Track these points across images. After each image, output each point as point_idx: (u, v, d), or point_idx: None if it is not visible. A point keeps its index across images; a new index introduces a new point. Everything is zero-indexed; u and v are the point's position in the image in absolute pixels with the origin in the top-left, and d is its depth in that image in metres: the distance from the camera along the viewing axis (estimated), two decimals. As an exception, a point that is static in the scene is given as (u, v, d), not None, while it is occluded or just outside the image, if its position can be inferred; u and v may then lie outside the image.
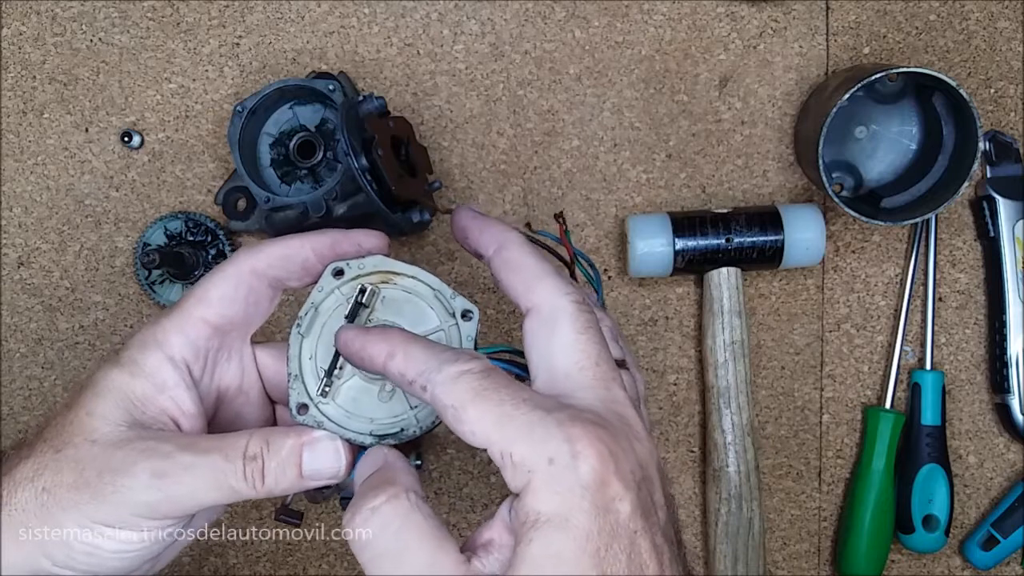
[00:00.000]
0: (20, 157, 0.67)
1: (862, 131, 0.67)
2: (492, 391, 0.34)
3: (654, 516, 0.34)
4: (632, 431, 0.35)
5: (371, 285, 0.44)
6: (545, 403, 0.34)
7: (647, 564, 0.33)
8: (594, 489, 0.32)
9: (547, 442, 0.33)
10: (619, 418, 0.35)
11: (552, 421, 0.33)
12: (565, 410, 0.34)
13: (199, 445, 0.39)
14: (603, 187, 0.68)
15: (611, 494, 0.32)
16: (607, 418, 0.34)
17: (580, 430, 0.33)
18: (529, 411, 0.34)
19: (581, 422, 0.33)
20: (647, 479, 0.34)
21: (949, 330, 0.69)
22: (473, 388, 0.35)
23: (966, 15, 0.68)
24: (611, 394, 0.36)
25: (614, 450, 0.33)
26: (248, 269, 0.43)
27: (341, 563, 0.68)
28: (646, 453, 0.35)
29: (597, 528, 0.32)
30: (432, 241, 0.68)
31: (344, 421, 0.42)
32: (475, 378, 0.35)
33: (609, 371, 0.36)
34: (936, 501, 0.67)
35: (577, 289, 0.39)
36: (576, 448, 0.32)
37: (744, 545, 0.65)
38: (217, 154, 0.67)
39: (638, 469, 0.34)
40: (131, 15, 0.67)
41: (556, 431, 0.33)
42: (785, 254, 0.65)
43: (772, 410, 0.69)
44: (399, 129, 0.63)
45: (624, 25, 0.68)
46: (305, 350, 0.43)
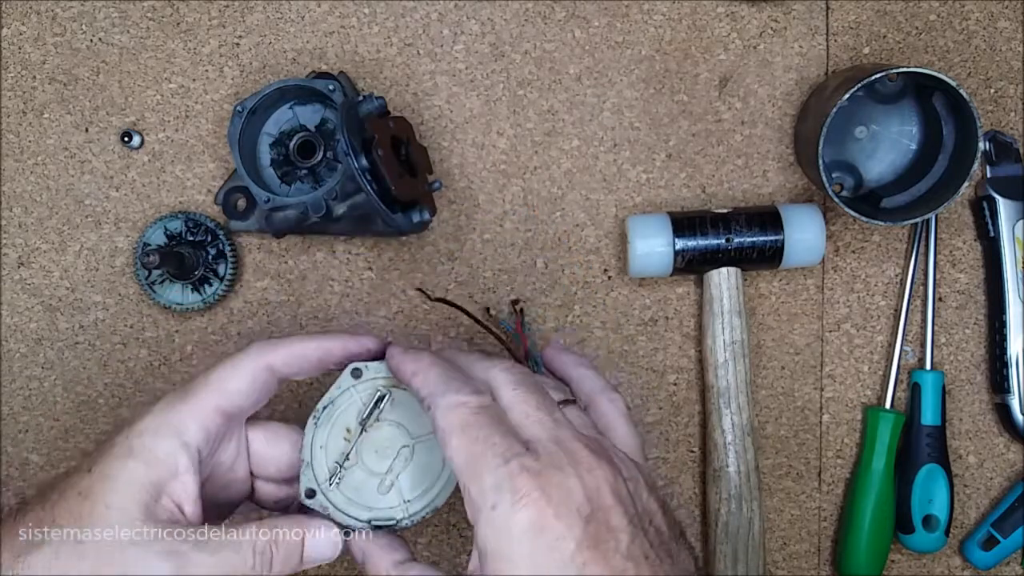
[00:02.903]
0: (20, 157, 0.67)
1: (862, 131, 0.67)
2: (475, 428, 0.40)
3: (611, 542, 0.38)
4: (579, 466, 0.39)
5: (384, 389, 0.48)
6: (508, 450, 0.39)
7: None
8: (532, 534, 0.37)
9: (494, 490, 0.38)
10: (567, 456, 0.40)
11: (504, 472, 0.38)
12: (519, 459, 0.39)
13: (211, 544, 0.42)
14: (603, 187, 0.68)
15: (552, 535, 0.37)
16: (557, 459, 0.39)
17: (524, 481, 0.38)
18: (492, 457, 0.39)
19: (527, 473, 0.38)
20: (600, 508, 0.38)
21: (949, 330, 0.69)
22: (462, 421, 0.41)
23: (966, 15, 0.68)
24: (556, 433, 0.41)
25: (555, 496, 0.38)
26: (264, 365, 0.47)
27: (341, 563, 0.68)
28: (599, 481, 0.39)
29: (540, 565, 0.37)
30: (432, 241, 0.68)
31: (346, 507, 0.47)
32: (467, 412, 0.41)
33: (549, 413, 0.42)
34: (936, 501, 0.67)
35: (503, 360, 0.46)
36: (517, 498, 0.38)
37: (744, 545, 0.65)
38: (217, 154, 0.67)
39: (585, 504, 0.38)
40: (131, 15, 0.67)
41: (504, 481, 0.38)
42: (785, 254, 0.65)
43: (772, 410, 0.69)
44: (399, 129, 0.63)
45: (624, 25, 0.68)
46: (318, 439, 0.48)
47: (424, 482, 0.48)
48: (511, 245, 0.68)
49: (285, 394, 0.68)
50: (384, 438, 0.48)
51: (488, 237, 0.68)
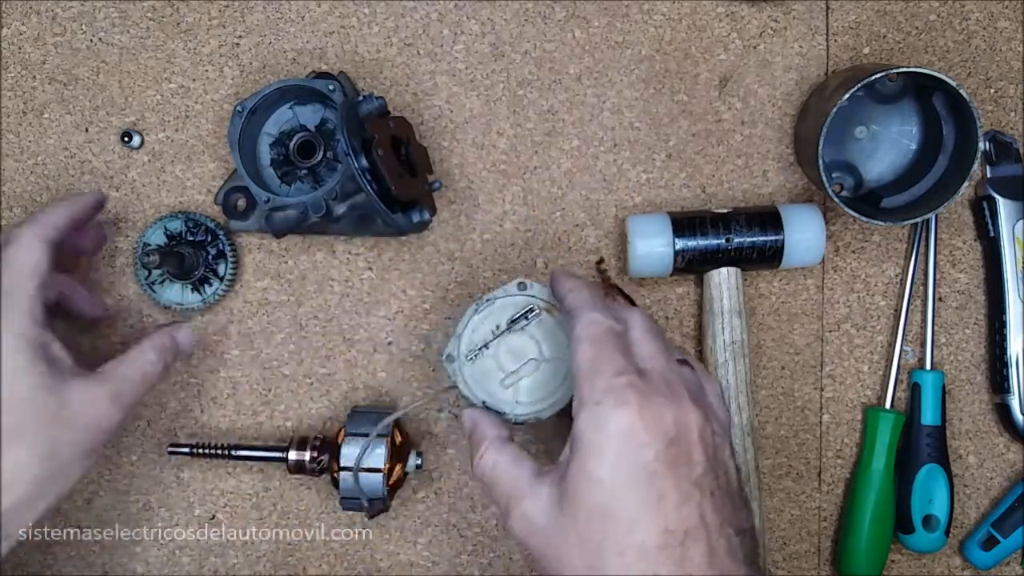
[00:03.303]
0: (20, 157, 0.67)
1: (862, 131, 0.67)
2: (603, 343, 0.48)
3: (685, 467, 0.45)
4: (677, 404, 0.46)
5: (538, 307, 0.57)
6: (624, 368, 0.46)
7: (666, 498, 0.44)
8: (622, 435, 0.44)
9: (603, 391, 0.46)
10: (669, 392, 0.47)
11: (615, 381, 0.46)
12: (631, 377, 0.46)
13: (127, 358, 0.56)
14: (603, 187, 0.68)
15: (638, 441, 0.44)
16: (661, 389, 0.46)
17: (630, 394, 0.45)
18: (609, 367, 0.46)
19: (634, 389, 0.45)
20: (684, 439, 0.45)
21: (949, 330, 0.69)
22: (595, 334, 0.48)
23: (966, 15, 0.68)
24: (668, 376, 0.48)
25: (649, 413, 0.45)
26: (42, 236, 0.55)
27: (341, 563, 0.68)
28: (686, 420, 0.46)
29: (621, 460, 0.44)
30: (432, 241, 0.68)
31: (471, 383, 0.56)
32: (601, 329, 0.49)
33: (667, 360, 0.49)
34: (936, 501, 0.67)
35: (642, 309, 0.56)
36: (619, 403, 0.45)
37: (744, 545, 0.65)
38: (217, 154, 0.67)
39: (673, 429, 0.45)
40: (131, 15, 0.67)
41: (613, 386, 0.46)
42: (785, 254, 0.65)
43: (772, 410, 0.69)
44: (399, 129, 0.63)
45: (624, 25, 0.68)
46: (472, 322, 0.57)
47: (537, 394, 0.56)
48: (511, 245, 0.68)
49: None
50: (521, 345, 0.57)
51: (488, 237, 0.68)
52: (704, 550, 0.44)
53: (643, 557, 0.43)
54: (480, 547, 0.68)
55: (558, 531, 0.45)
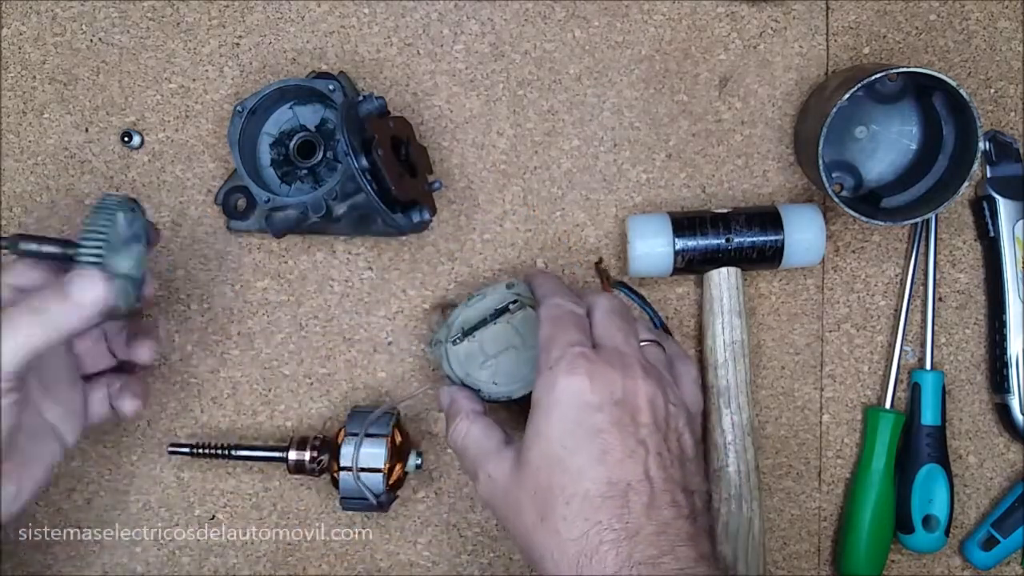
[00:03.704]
0: (20, 157, 0.67)
1: (862, 131, 0.67)
2: (562, 321, 0.53)
3: (631, 427, 0.49)
4: (630, 374, 0.50)
5: (523, 302, 0.62)
6: (580, 342, 0.51)
7: (610, 452, 0.48)
8: (569, 396, 0.49)
9: (556, 359, 0.50)
10: (623, 365, 0.51)
11: (568, 351, 0.50)
12: (583, 348, 0.51)
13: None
14: (603, 187, 0.68)
15: (584, 402, 0.49)
16: (612, 359, 0.51)
17: (581, 363, 0.50)
18: (564, 339, 0.51)
19: (584, 358, 0.50)
20: (630, 403, 0.50)
21: (949, 330, 0.69)
22: (556, 314, 0.53)
23: (966, 15, 0.68)
24: (623, 348, 0.52)
25: (598, 380, 0.49)
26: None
27: (341, 563, 0.68)
28: (633, 388, 0.50)
29: (569, 419, 0.49)
30: (432, 241, 0.68)
31: (453, 363, 0.61)
32: (562, 311, 0.54)
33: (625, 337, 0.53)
34: (936, 501, 0.67)
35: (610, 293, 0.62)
36: (569, 368, 0.50)
37: (744, 545, 0.65)
38: (217, 154, 0.67)
39: (620, 393, 0.50)
40: (131, 15, 0.67)
41: (566, 354, 0.50)
42: (785, 254, 0.65)
43: (772, 410, 0.69)
44: (399, 129, 0.63)
45: (624, 25, 0.68)
46: (463, 314, 0.62)
47: (511, 378, 0.60)
48: (511, 245, 0.68)
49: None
50: (502, 334, 0.61)
51: (488, 237, 0.68)
52: (645, 501, 0.48)
53: (587, 504, 0.47)
54: (480, 547, 0.68)
55: (515, 484, 0.50)
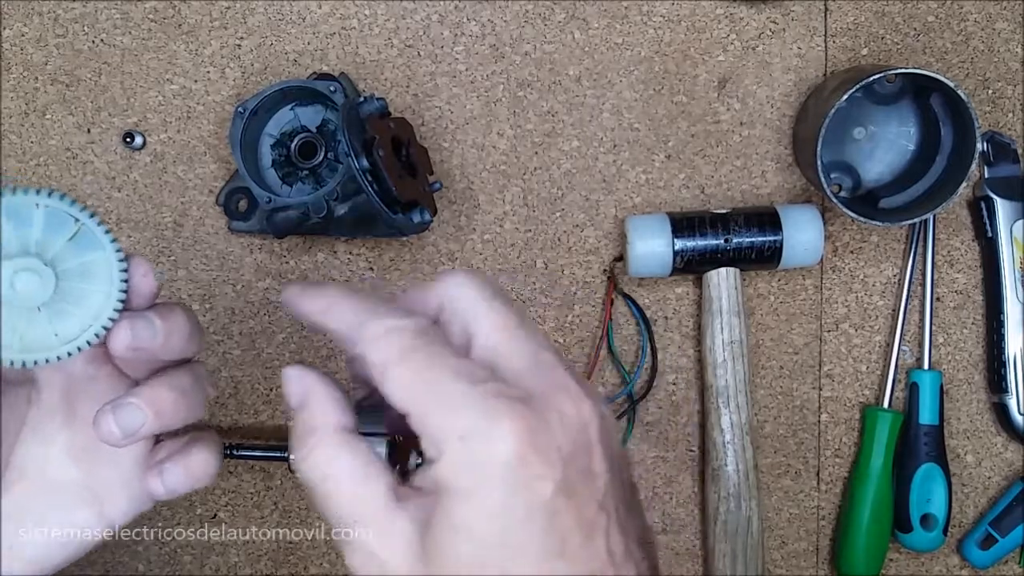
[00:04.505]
0: (22, 158, 0.68)
1: (860, 132, 0.67)
2: (421, 353, 0.33)
3: (587, 488, 0.33)
4: (566, 395, 0.33)
5: None
6: (474, 373, 0.32)
7: (570, 540, 0.32)
8: (509, 470, 0.31)
9: (464, 418, 0.31)
10: (551, 383, 0.33)
11: (475, 395, 0.32)
12: (491, 383, 0.32)
13: None
14: (602, 188, 0.69)
15: (531, 473, 0.31)
16: (537, 388, 0.33)
17: (503, 407, 0.31)
18: (453, 380, 0.32)
19: (506, 399, 0.32)
20: (582, 448, 0.33)
21: (947, 330, 0.70)
22: (401, 347, 0.33)
23: (964, 16, 0.68)
24: (540, 357, 0.34)
25: (538, 428, 0.31)
26: None
27: (342, 562, 0.68)
28: (581, 419, 0.33)
29: (508, 506, 0.31)
30: (432, 242, 0.68)
31: None
32: (406, 337, 0.33)
33: (532, 333, 0.35)
34: (934, 500, 0.67)
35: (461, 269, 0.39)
36: (495, 426, 0.31)
37: (743, 544, 0.65)
38: (219, 155, 0.68)
39: (567, 443, 0.32)
40: (133, 16, 0.67)
41: (476, 406, 0.31)
42: (784, 254, 0.65)
43: (771, 409, 0.69)
44: (400, 130, 0.63)
45: (623, 27, 0.68)
46: None
47: None
48: (511, 245, 0.68)
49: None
50: None
51: (488, 237, 0.68)
52: None
53: None
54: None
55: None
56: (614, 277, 0.68)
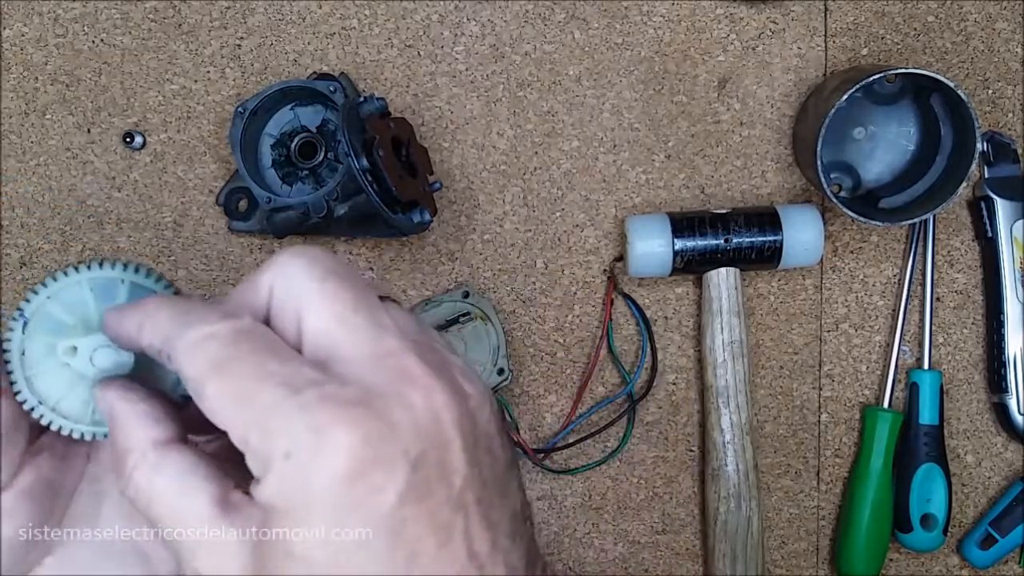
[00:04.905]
0: (22, 158, 0.68)
1: (860, 132, 0.67)
2: (236, 362, 0.29)
3: (442, 487, 0.29)
4: (413, 386, 0.29)
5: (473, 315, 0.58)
6: (296, 377, 0.28)
7: (422, 549, 0.28)
8: (340, 486, 0.27)
9: (285, 433, 0.28)
10: (394, 375, 0.29)
11: (294, 406, 0.28)
12: (318, 388, 0.28)
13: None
14: (602, 188, 0.69)
15: (366, 486, 0.28)
16: (377, 383, 0.29)
17: (330, 415, 0.27)
18: (272, 389, 0.28)
19: (333, 404, 0.28)
20: (434, 445, 0.29)
21: (947, 330, 0.70)
22: (215, 358, 0.29)
23: (964, 16, 0.69)
24: (381, 345, 0.30)
25: (376, 434, 0.28)
26: None
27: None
28: (432, 412, 0.29)
29: (344, 529, 0.28)
30: (432, 242, 0.68)
31: None
32: (220, 345, 0.29)
33: (372, 316, 0.30)
34: (934, 500, 0.67)
35: (294, 246, 0.33)
36: (322, 440, 0.27)
37: (743, 544, 0.65)
38: (219, 155, 0.68)
39: (415, 444, 0.28)
40: (133, 16, 0.67)
41: (298, 419, 0.28)
42: (784, 254, 0.65)
43: (771, 409, 0.70)
44: (400, 130, 0.63)
45: (623, 27, 0.68)
46: None
47: None
48: (511, 245, 0.68)
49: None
50: (451, 344, 0.44)
51: (488, 237, 0.68)
52: None
53: None
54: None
55: None
56: (614, 277, 0.68)
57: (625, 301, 0.68)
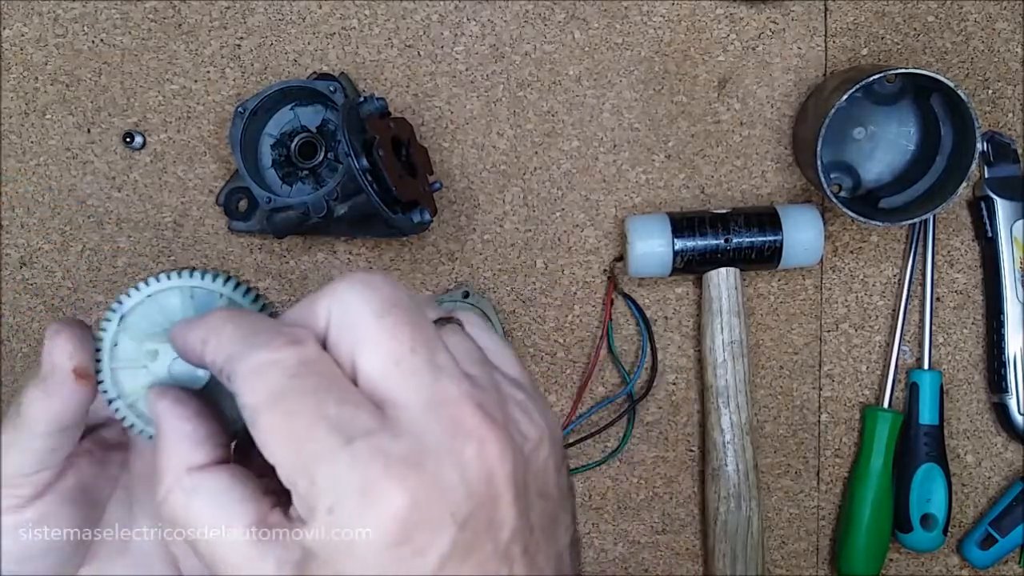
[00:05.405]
0: (22, 158, 0.68)
1: (860, 132, 0.67)
2: (294, 397, 0.28)
3: (489, 541, 0.28)
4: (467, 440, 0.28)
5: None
6: (351, 424, 0.27)
7: None
8: (385, 548, 0.27)
9: (332, 486, 0.27)
10: (448, 426, 0.28)
11: (345, 459, 0.27)
12: (370, 439, 0.27)
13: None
14: (603, 188, 0.69)
15: (412, 548, 0.27)
16: (431, 436, 0.28)
17: (379, 473, 0.27)
18: (325, 436, 0.27)
19: (384, 461, 0.27)
20: (483, 503, 0.28)
21: (947, 330, 0.70)
22: (274, 389, 0.28)
23: (964, 16, 0.69)
24: (436, 391, 0.28)
25: (425, 497, 0.27)
26: None
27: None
28: (485, 468, 0.28)
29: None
30: (432, 242, 0.68)
31: None
32: (281, 375, 0.28)
33: (429, 356, 0.29)
34: (934, 500, 0.67)
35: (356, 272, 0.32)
36: (369, 500, 0.26)
37: (743, 544, 0.66)
38: (219, 155, 0.68)
39: (465, 504, 0.27)
40: (133, 16, 0.67)
41: (347, 473, 0.27)
42: (784, 254, 0.65)
43: (771, 409, 0.70)
44: (400, 130, 0.63)
45: (623, 27, 0.68)
46: None
47: None
48: (511, 245, 0.68)
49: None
50: None
51: (488, 237, 0.68)
52: None
53: None
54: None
55: None
56: (614, 277, 0.68)
57: (625, 301, 0.68)
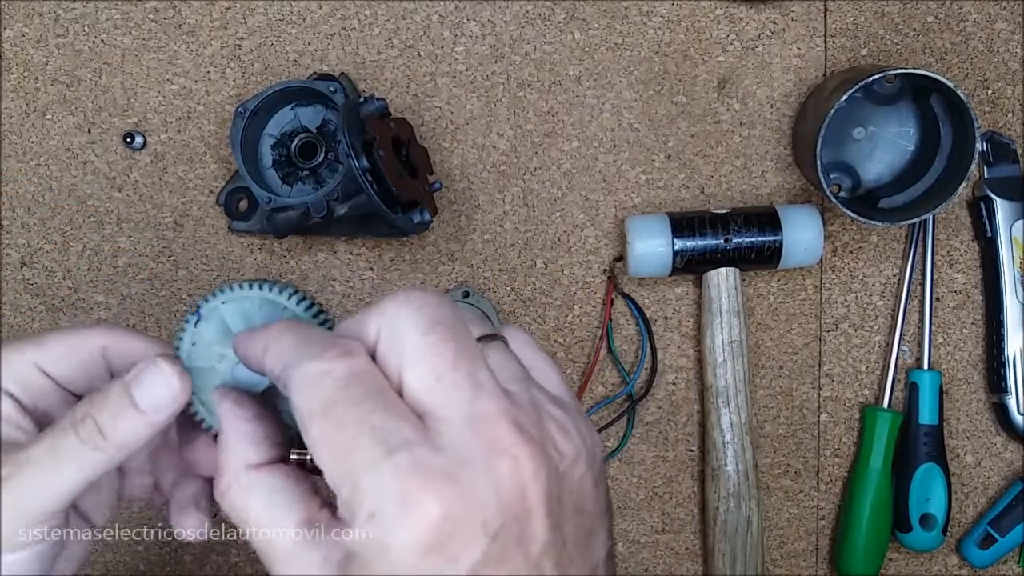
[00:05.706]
0: (23, 158, 0.68)
1: (860, 132, 0.67)
2: (343, 407, 0.30)
3: (519, 554, 0.29)
4: (502, 456, 0.29)
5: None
6: (394, 435, 0.29)
7: None
8: (418, 554, 0.28)
9: (374, 493, 0.29)
10: (485, 442, 0.30)
11: (387, 468, 0.29)
12: (411, 450, 0.29)
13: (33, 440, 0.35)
14: (602, 188, 0.69)
15: (444, 556, 0.28)
16: (469, 450, 0.29)
17: (417, 484, 0.28)
18: (369, 446, 0.29)
19: (423, 473, 0.28)
20: (516, 517, 0.29)
21: (947, 330, 0.70)
22: (326, 398, 0.30)
23: (964, 16, 0.69)
24: (476, 407, 0.30)
25: (459, 509, 0.28)
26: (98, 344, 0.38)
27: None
28: (519, 484, 0.29)
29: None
30: (432, 242, 0.68)
31: None
32: (333, 384, 0.30)
33: (470, 373, 0.31)
34: (934, 500, 0.67)
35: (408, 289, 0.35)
36: (406, 508, 0.28)
37: (742, 544, 0.66)
38: (219, 155, 0.68)
39: (497, 516, 0.29)
40: (133, 17, 0.67)
41: (388, 482, 0.28)
42: (783, 254, 0.65)
43: (770, 409, 0.70)
44: (400, 130, 0.63)
45: (623, 27, 0.68)
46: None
47: None
48: (511, 245, 0.69)
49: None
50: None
51: (488, 237, 0.68)
52: None
53: None
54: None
55: None
56: (614, 277, 0.68)
57: (625, 301, 0.68)
